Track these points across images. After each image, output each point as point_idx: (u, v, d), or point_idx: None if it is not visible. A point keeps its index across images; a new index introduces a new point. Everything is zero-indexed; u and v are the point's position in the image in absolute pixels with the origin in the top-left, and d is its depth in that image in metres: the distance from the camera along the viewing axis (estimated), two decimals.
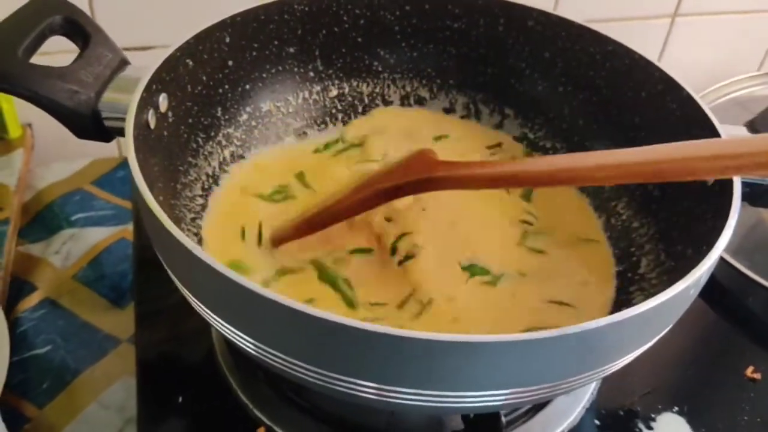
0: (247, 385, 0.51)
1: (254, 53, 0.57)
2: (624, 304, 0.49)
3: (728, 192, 0.43)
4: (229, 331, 0.39)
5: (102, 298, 0.62)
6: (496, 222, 0.56)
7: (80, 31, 0.48)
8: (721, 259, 0.46)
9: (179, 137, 0.51)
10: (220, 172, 0.56)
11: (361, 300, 0.49)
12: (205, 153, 0.55)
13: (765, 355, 0.58)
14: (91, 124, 0.47)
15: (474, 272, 0.51)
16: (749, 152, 0.38)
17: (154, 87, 0.47)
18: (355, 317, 0.42)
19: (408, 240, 0.52)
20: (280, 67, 0.60)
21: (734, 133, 0.48)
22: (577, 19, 0.57)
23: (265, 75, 0.59)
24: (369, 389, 0.37)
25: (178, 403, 0.51)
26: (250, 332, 0.38)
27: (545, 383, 0.37)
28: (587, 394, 0.53)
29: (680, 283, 0.37)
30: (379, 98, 0.64)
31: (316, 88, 0.62)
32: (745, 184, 0.43)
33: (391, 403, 0.37)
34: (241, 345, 0.40)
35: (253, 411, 0.50)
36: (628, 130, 0.56)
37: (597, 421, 0.52)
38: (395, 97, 0.64)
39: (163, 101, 0.48)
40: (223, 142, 0.57)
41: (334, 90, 0.63)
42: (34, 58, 0.46)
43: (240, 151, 0.58)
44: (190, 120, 0.53)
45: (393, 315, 0.48)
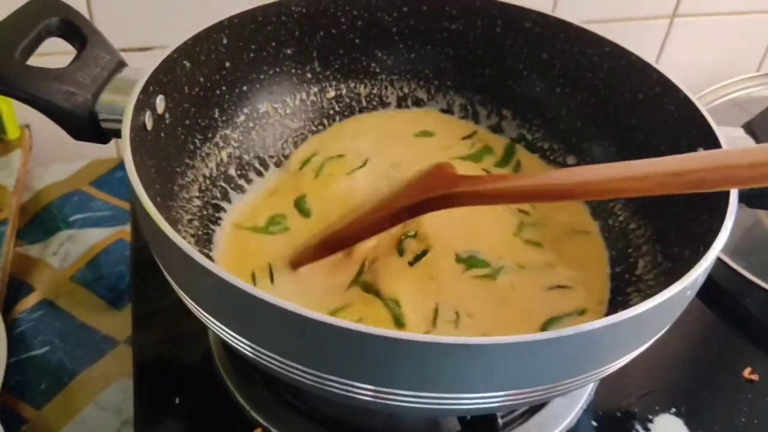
0: (244, 386, 0.51)
1: (252, 54, 0.57)
2: (621, 305, 0.49)
3: (725, 193, 0.42)
4: (225, 333, 0.39)
5: (99, 299, 0.62)
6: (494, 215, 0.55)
7: (77, 33, 0.48)
8: (718, 260, 0.46)
9: (176, 139, 0.51)
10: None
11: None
12: (203, 154, 0.55)
13: (762, 357, 0.58)
14: (88, 126, 0.47)
15: (472, 264, 0.51)
16: None
17: (151, 89, 0.47)
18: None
19: (416, 240, 0.52)
20: (278, 69, 0.60)
21: (731, 134, 0.48)
22: (576, 20, 0.57)
23: (262, 76, 0.59)
24: (365, 391, 0.37)
25: (175, 404, 0.51)
26: (247, 334, 0.38)
27: (542, 385, 0.37)
28: (584, 395, 0.53)
29: (677, 285, 0.37)
30: (377, 99, 0.64)
31: (314, 90, 0.62)
32: None
33: (388, 405, 0.37)
34: (237, 347, 0.40)
35: (250, 413, 0.50)
36: (626, 131, 0.56)
37: (594, 423, 0.52)
38: (392, 99, 0.64)
39: (160, 103, 0.48)
40: (221, 144, 0.56)
41: (332, 91, 0.63)
42: (31, 60, 0.46)
43: (237, 153, 0.58)
44: (187, 121, 0.53)
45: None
